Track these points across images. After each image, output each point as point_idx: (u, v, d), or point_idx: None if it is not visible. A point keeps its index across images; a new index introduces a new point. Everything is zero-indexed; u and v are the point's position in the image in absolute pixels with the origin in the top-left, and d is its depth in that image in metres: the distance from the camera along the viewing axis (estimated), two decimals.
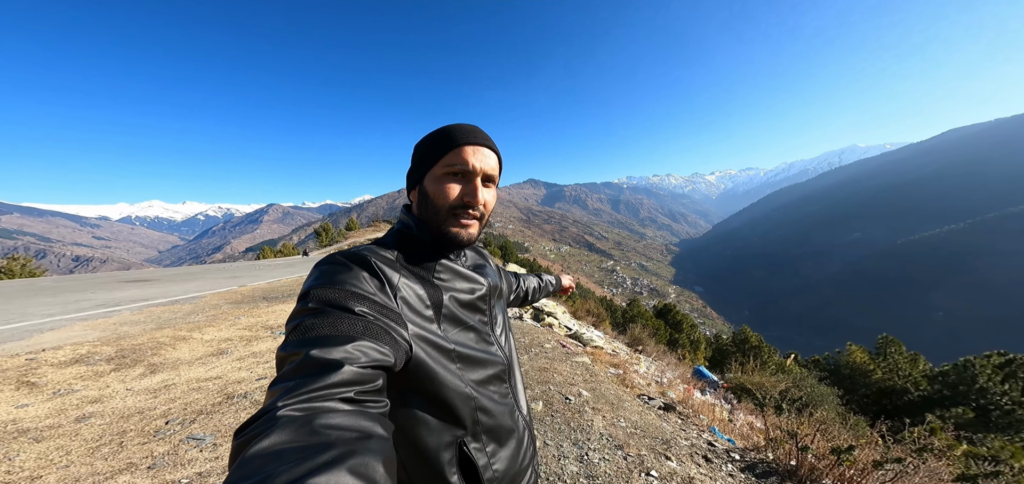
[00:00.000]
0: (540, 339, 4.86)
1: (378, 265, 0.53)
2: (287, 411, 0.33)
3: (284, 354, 0.41)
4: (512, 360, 0.71)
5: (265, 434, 0.30)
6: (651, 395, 3.47)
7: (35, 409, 2.46)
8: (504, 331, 0.73)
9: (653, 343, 9.75)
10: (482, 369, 0.60)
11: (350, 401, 0.37)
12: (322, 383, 0.36)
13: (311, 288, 0.48)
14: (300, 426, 0.31)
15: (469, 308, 0.63)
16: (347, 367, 0.38)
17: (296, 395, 0.34)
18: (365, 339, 0.42)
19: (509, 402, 0.65)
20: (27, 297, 6.88)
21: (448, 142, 0.60)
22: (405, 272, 0.57)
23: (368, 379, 0.40)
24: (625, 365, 4.58)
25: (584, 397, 3.00)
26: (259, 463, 0.28)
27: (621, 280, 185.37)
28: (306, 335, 0.41)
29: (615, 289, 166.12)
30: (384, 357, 0.43)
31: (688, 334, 18.95)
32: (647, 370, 5.81)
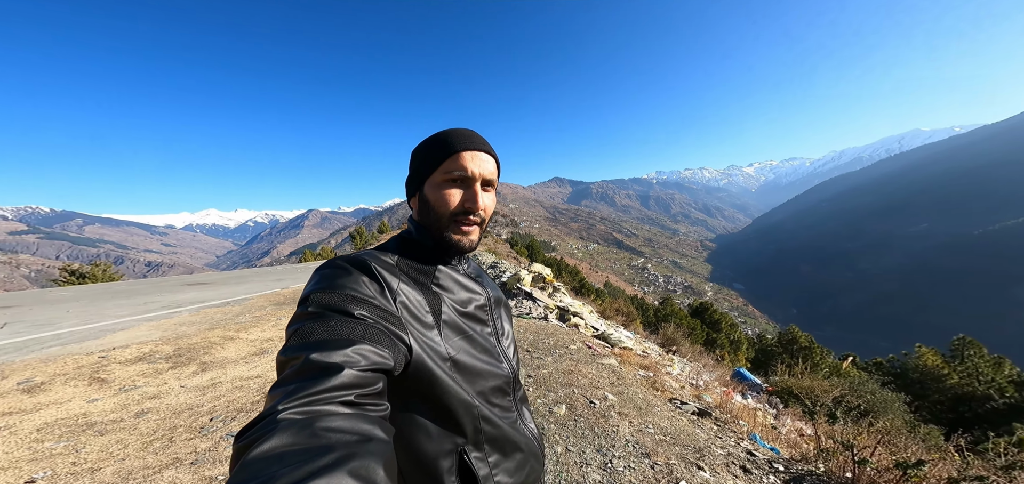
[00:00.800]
0: (565, 340, 4.76)
1: (378, 270, 0.54)
2: (288, 414, 0.33)
3: (284, 358, 0.41)
4: (517, 374, 0.69)
5: (266, 437, 0.30)
6: (684, 399, 3.28)
7: (103, 404, 2.74)
8: (512, 344, 0.72)
9: (688, 343, 9.31)
10: (484, 380, 0.59)
11: (350, 404, 0.37)
12: (322, 386, 0.36)
13: (311, 293, 0.49)
14: (300, 429, 0.31)
15: (470, 317, 0.63)
16: (347, 370, 0.38)
17: (296, 398, 0.34)
18: (365, 343, 0.43)
19: (512, 415, 0.64)
20: (105, 299, 7.74)
21: (446, 148, 0.60)
22: (405, 278, 0.57)
23: (368, 382, 0.40)
24: (656, 367, 4.38)
25: (610, 401, 2.89)
26: (260, 466, 0.28)
27: (653, 278, 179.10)
28: (306, 339, 0.42)
29: (647, 287, 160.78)
30: (384, 360, 0.43)
31: (728, 334, 17.94)
32: (681, 372, 5.54)
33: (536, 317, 6.12)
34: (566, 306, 6.69)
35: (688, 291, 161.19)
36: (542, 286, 7.61)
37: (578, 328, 5.83)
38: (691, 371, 5.63)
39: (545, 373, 3.49)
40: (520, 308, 6.54)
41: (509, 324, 0.74)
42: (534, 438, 0.67)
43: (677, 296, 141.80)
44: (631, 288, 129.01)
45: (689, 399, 3.37)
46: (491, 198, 0.65)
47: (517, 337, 4.72)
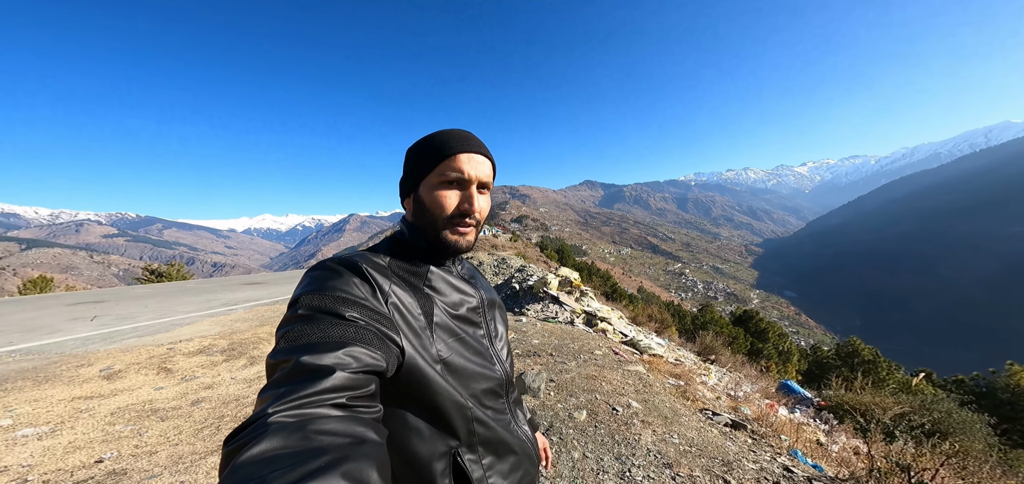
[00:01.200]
0: (591, 345, 4.66)
1: (369, 271, 0.53)
2: (278, 417, 0.32)
3: (274, 361, 0.41)
4: (511, 376, 0.69)
5: (256, 441, 0.30)
6: (717, 410, 3.09)
7: (166, 392, 3.08)
8: (505, 346, 0.71)
9: (728, 353, 8.74)
10: (477, 382, 0.59)
11: (342, 407, 0.36)
12: (313, 389, 0.36)
13: (301, 295, 0.48)
14: (292, 432, 0.31)
15: (463, 320, 0.62)
16: (339, 373, 0.38)
17: (287, 401, 0.34)
18: (356, 344, 0.42)
19: (506, 417, 0.63)
20: (177, 297, 8.71)
21: (443, 150, 0.60)
22: (396, 280, 0.56)
23: (360, 384, 0.40)
24: (688, 376, 4.17)
25: (633, 408, 2.79)
26: (251, 470, 0.27)
27: (691, 284, 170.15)
28: (296, 342, 0.41)
29: (684, 294, 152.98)
30: (376, 362, 0.43)
31: (775, 344, 16.61)
32: (718, 382, 5.22)
33: (562, 321, 6.05)
34: (594, 311, 6.54)
35: (731, 298, 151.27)
36: (569, 290, 7.50)
37: (606, 333, 5.68)
38: (730, 382, 5.29)
39: (568, 378, 3.44)
40: (546, 312, 6.50)
41: (503, 326, 0.73)
42: (528, 441, 0.67)
43: (718, 303, 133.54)
44: (667, 294, 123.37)
45: (723, 410, 3.17)
46: (487, 200, 0.65)
47: (542, 342, 4.69)
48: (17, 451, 2.13)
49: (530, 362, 3.94)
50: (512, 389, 0.69)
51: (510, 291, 7.92)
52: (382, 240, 0.66)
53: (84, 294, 11.28)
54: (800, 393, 5.75)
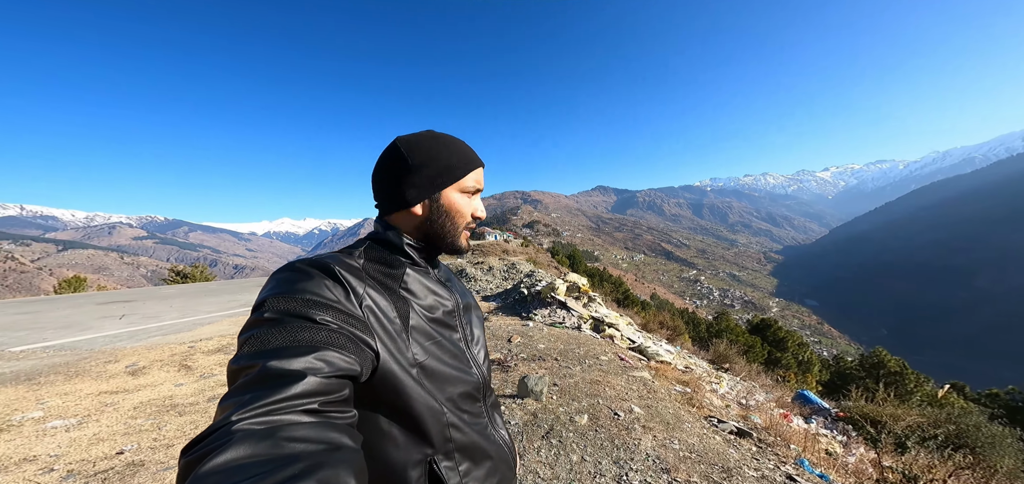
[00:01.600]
0: (597, 351, 4.64)
1: (341, 273, 0.50)
2: (244, 425, 0.30)
3: (237, 367, 0.38)
4: (488, 379, 0.68)
5: (221, 449, 0.28)
6: (723, 418, 3.04)
7: (186, 388, 3.23)
8: (482, 350, 0.70)
9: (742, 362, 8.53)
10: (453, 386, 0.57)
11: (314, 413, 0.35)
12: (282, 395, 0.34)
13: (267, 298, 0.45)
14: (260, 439, 0.29)
15: (439, 323, 0.61)
16: (310, 377, 0.36)
17: (253, 408, 0.32)
18: (329, 349, 0.40)
19: (483, 422, 0.62)
20: (200, 297, 9.09)
21: (469, 163, 0.63)
22: (371, 282, 0.54)
23: (333, 389, 0.38)
24: (697, 383, 4.10)
25: (635, 414, 2.78)
26: (216, 479, 0.26)
27: (706, 291, 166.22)
28: (263, 347, 0.39)
29: (699, 301, 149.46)
30: (350, 366, 0.41)
31: (795, 353, 16.05)
32: (729, 391, 5.11)
33: (569, 326, 6.03)
34: (601, 316, 6.50)
35: (748, 306, 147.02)
36: (577, 296, 7.48)
37: (613, 339, 5.63)
38: (742, 390, 5.17)
39: (571, 383, 3.45)
40: (553, 317, 6.49)
41: (480, 329, 0.72)
42: (505, 445, 0.66)
43: (735, 311, 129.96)
44: (681, 301, 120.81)
45: (732, 418, 3.11)
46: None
47: (548, 346, 4.70)
48: (46, 441, 2.28)
49: (535, 366, 3.96)
50: (490, 393, 0.68)
51: (518, 296, 7.95)
52: (355, 242, 0.63)
53: (114, 294, 11.88)
54: (817, 403, 5.57)
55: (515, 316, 6.76)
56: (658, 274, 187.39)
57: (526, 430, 2.48)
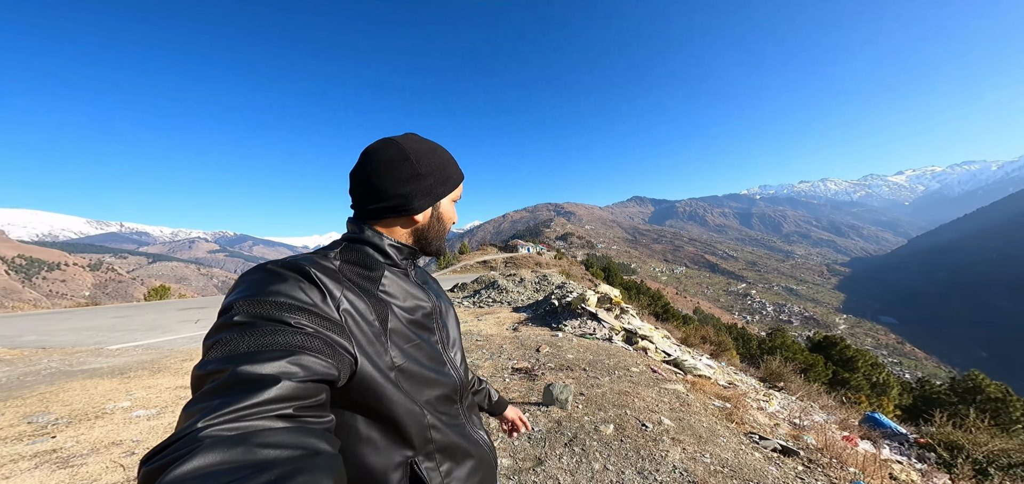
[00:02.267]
0: (627, 362, 4.50)
1: (317, 275, 0.48)
2: (213, 431, 0.28)
3: (203, 373, 0.35)
4: (465, 381, 0.68)
5: (187, 457, 0.26)
6: (767, 435, 2.82)
7: None
8: (458, 351, 0.69)
9: (800, 380, 7.78)
10: (431, 388, 0.57)
11: (288, 418, 0.33)
12: (252, 401, 0.31)
13: (236, 301, 0.42)
14: (231, 446, 0.27)
15: (417, 325, 0.60)
16: (284, 382, 0.34)
17: (221, 414, 0.30)
18: (305, 353, 0.38)
19: (460, 423, 0.62)
20: None
21: (457, 174, 0.69)
22: (348, 284, 0.52)
23: (309, 394, 0.36)
24: (739, 399, 3.83)
25: (665, 426, 2.67)
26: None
27: (758, 306, 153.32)
28: (232, 351, 0.36)
29: (750, 316, 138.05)
30: (327, 369, 0.39)
31: (867, 374, 14.31)
32: (779, 409, 4.71)
33: (599, 338, 5.90)
34: (634, 329, 6.28)
35: (809, 322, 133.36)
36: (608, 307, 7.29)
37: (646, 352, 5.42)
38: (797, 410, 4.74)
39: (599, 393, 3.38)
40: (584, 328, 6.38)
41: (456, 332, 0.72)
42: (485, 444, 0.66)
43: (793, 327, 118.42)
44: (728, 316, 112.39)
45: (778, 437, 2.88)
46: None
47: (576, 356, 4.64)
48: (131, 428, 2.62)
49: (562, 375, 3.93)
50: (466, 394, 0.67)
51: (549, 307, 7.91)
52: (330, 244, 0.61)
53: (191, 301, 13.43)
54: (890, 427, 4.93)
55: (545, 327, 6.74)
56: (702, 287, 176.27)
57: (549, 437, 2.48)
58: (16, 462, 2.05)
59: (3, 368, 4.10)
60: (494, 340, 5.66)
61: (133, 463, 2.12)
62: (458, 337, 0.72)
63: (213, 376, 0.34)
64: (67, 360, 4.47)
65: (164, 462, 0.26)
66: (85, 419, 2.71)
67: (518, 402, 3.15)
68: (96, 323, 7.51)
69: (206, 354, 0.38)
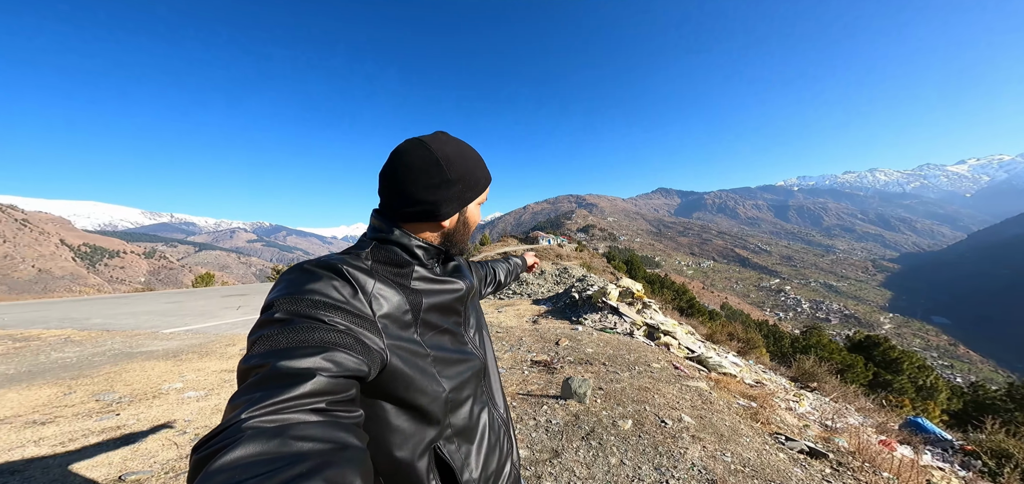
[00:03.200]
0: (648, 358, 4.45)
1: (350, 272, 0.51)
2: (255, 422, 0.31)
3: (247, 367, 0.39)
4: (487, 358, 0.70)
5: (231, 447, 0.29)
6: (794, 436, 2.73)
7: None
8: (478, 330, 0.72)
9: (835, 381, 7.40)
10: (457, 368, 0.59)
11: (321, 412, 0.35)
12: (290, 394, 0.34)
13: (276, 298, 0.46)
14: (270, 438, 0.30)
15: (445, 311, 0.63)
16: (318, 377, 0.37)
17: (262, 406, 0.33)
18: (337, 349, 0.41)
19: (484, 399, 0.65)
20: None
21: (488, 175, 0.69)
22: (380, 278, 0.54)
23: (340, 389, 0.39)
24: (766, 398, 3.71)
25: (685, 423, 2.64)
26: (226, 476, 0.26)
27: (793, 303, 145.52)
28: (272, 346, 0.40)
29: (783, 313, 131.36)
30: (358, 366, 0.42)
31: (912, 377, 13.38)
32: (810, 410, 4.52)
33: (620, 332, 5.84)
34: (656, 324, 6.17)
35: (849, 321, 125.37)
36: (630, 301, 7.18)
37: (668, 348, 5.32)
38: (830, 411, 4.54)
39: (618, 388, 3.37)
40: (604, 322, 6.33)
41: (480, 314, 0.77)
42: (502, 422, 0.69)
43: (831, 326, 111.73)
44: (759, 312, 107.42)
45: (807, 439, 2.78)
46: None
47: (596, 350, 4.63)
48: (184, 408, 2.85)
49: (581, 369, 3.94)
50: (489, 369, 0.71)
51: (569, 300, 7.89)
52: (360, 240, 0.64)
53: (233, 288, 14.40)
54: (933, 432, 4.62)
55: (565, 320, 6.74)
56: (731, 282, 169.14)
57: (566, 430, 2.52)
58: (86, 437, 2.30)
59: (75, 349, 4.60)
60: (513, 332, 5.73)
61: (185, 442, 2.29)
62: (482, 319, 0.76)
63: (256, 370, 0.38)
64: (128, 342, 4.94)
65: (211, 451, 0.29)
66: (144, 398, 2.99)
67: (536, 394, 3.20)
68: (152, 308, 8.23)
69: (250, 348, 0.41)
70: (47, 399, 2.92)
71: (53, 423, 2.48)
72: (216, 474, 0.26)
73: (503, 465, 0.65)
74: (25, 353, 4.38)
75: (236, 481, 0.25)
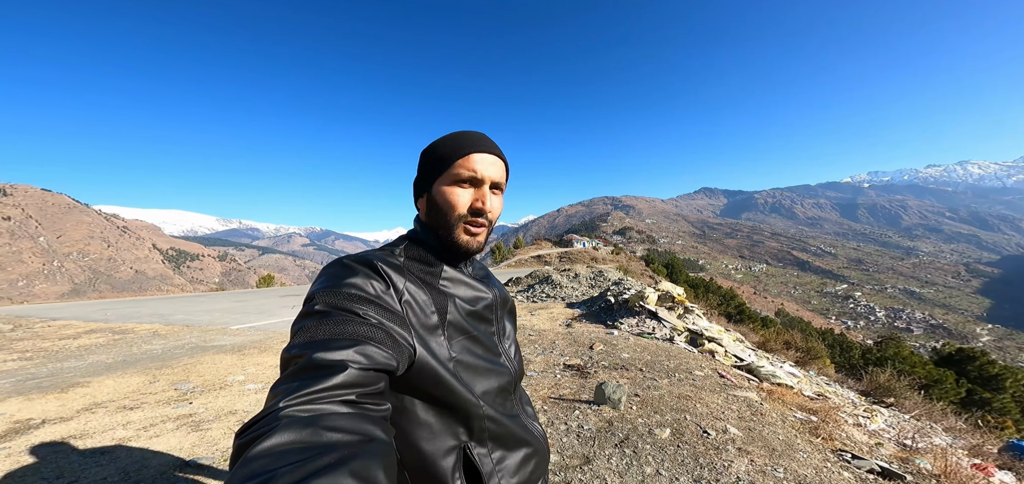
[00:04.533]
0: (690, 365, 4.18)
1: (383, 269, 0.53)
2: (290, 412, 0.33)
3: (288, 356, 0.41)
4: (520, 373, 0.70)
5: (268, 434, 0.30)
6: (862, 454, 2.42)
7: None
8: (512, 344, 0.71)
9: (918, 398, 6.50)
10: (486, 379, 0.59)
11: (351, 404, 0.37)
12: (324, 385, 0.36)
13: (317, 292, 0.48)
14: (302, 427, 0.31)
15: (475, 318, 0.62)
16: (350, 369, 0.38)
17: (298, 396, 0.34)
18: (369, 343, 0.42)
19: (515, 413, 0.64)
20: None
21: (458, 150, 0.60)
22: (411, 277, 0.56)
23: (370, 382, 0.40)
24: (829, 412, 3.33)
25: (730, 434, 2.44)
26: (262, 463, 0.28)
27: (865, 310, 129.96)
28: (311, 337, 0.42)
29: (851, 322, 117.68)
30: (388, 360, 0.43)
31: (1016, 395, 11.41)
32: (885, 428, 4.01)
33: (659, 338, 5.56)
34: (700, 330, 5.79)
35: (936, 332, 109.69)
36: (670, 306, 6.81)
37: (713, 355, 4.97)
38: (911, 430, 3.99)
39: (656, 395, 3.21)
40: (642, 326, 6.06)
41: (512, 325, 0.75)
42: (540, 436, 0.67)
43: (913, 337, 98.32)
44: (822, 320, 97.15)
45: (880, 458, 2.45)
46: (499, 202, 0.65)
47: (632, 356, 4.45)
48: (244, 399, 3.08)
49: (615, 374, 3.80)
50: (520, 387, 0.70)
51: (604, 303, 7.67)
52: (397, 239, 0.66)
53: (290, 289, 15.71)
54: None
55: (599, 324, 6.55)
56: (787, 287, 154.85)
57: (598, 436, 2.43)
58: (164, 423, 2.58)
59: (160, 342, 5.26)
60: (546, 335, 5.67)
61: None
62: (513, 331, 0.74)
63: (295, 359, 0.40)
64: (202, 337, 5.56)
65: (252, 437, 0.31)
66: (212, 389, 3.30)
67: (568, 399, 3.13)
68: (223, 306, 9.21)
69: (292, 339, 0.44)
70: (136, 386, 3.35)
71: (139, 409, 2.83)
72: (254, 460, 0.28)
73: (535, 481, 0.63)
74: (121, 344, 5.09)
75: (270, 468, 0.27)
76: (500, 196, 0.65)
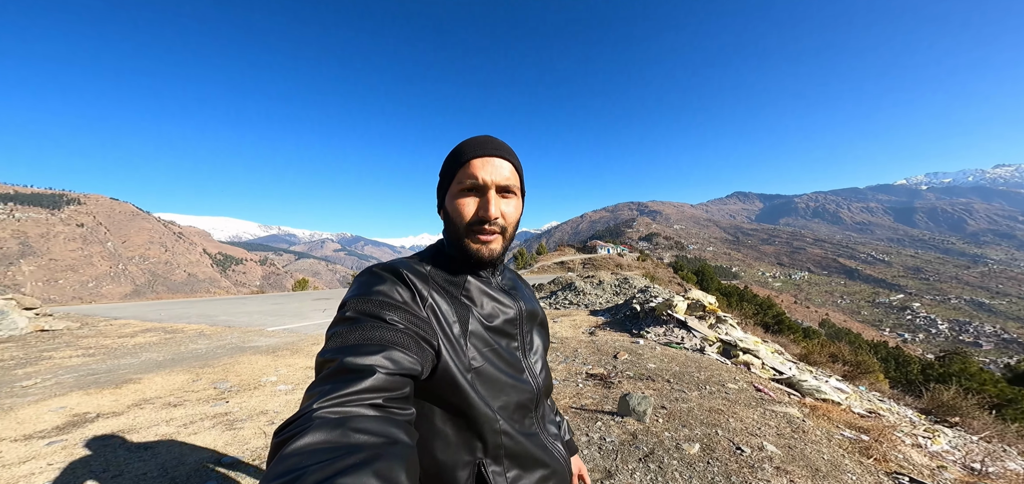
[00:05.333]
0: (722, 377, 3.94)
1: (410, 278, 0.55)
2: (322, 413, 0.35)
3: (322, 360, 0.44)
4: (543, 390, 0.67)
5: (302, 433, 0.33)
6: (921, 478, 2.16)
7: None
8: (540, 360, 0.69)
9: (987, 418, 5.78)
10: (507, 394, 0.58)
11: (378, 407, 0.39)
12: (354, 388, 0.38)
13: (349, 299, 0.51)
14: (333, 428, 0.34)
15: (497, 331, 0.62)
16: (378, 374, 0.40)
17: (330, 398, 0.37)
18: (395, 348, 0.44)
19: (535, 431, 0.62)
20: None
21: (459, 158, 0.59)
22: (435, 287, 0.58)
23: (396, 386, 0.42)
24: (882, 431, 3.02)
25: (767, 452, 2.26)
26: (295, 460, 0.30)
27: (925, 322, 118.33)
28: (342, 343, 0.44)
29: (908, 334, 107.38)
30: (413, 365, 0.45)
31: None
32: (949, 450, 3.58)
33: (688, 348, 5.29)
34: (733, 340, 5.46)
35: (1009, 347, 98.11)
36: (701, 315, 6.48)
37: (749, 367, 4.66)
38: (979, 452, 3.55)
39: (684, 408, 3.04)
40: (669, 336, 5.80)
41: (540, 339, 0.72)
42: (560, 457, 0.65)
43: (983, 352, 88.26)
44: (874, 332, 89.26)
45: (943, 483, 2.18)
46: (512, 204, 0.62)
47: (658, 366, 4.26)
48: (275, 400, 3.07)
49: (641, 385, 3.65)
50: (542, 404, 0.67)
51: (630, 311, 7.43)
52: (426, 248, 0.68)
53: (321, 293, 16.43)
54: None
55: (624, 332, 6.34)
56: (833, 296, 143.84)
57: (622, 449, 2.33)
58: (202, 420, 2.65)
59: (205, 341, 5.62)
60: (569, 343, 5.56)
61: (272, 431, 2.51)
62: (541, 345, 0.71)
63: (328, 363, 0.43)
64: (242, 338, 5.89)
65: (287, 436, 0.34)
66: (247, 389, 3.43)
67: (590, 409, 3.03)
68: (262, 308, 9.76)
69: (326, 343, 0.47)
70: (181, 384, 3.56)
71: (181, 406, 3.00)
72: (288, 457, 0.31)
73: None
74: (171, 343, 5.49)
75: (302, 465, 0.29)
76: (514, 199, 0.62)
